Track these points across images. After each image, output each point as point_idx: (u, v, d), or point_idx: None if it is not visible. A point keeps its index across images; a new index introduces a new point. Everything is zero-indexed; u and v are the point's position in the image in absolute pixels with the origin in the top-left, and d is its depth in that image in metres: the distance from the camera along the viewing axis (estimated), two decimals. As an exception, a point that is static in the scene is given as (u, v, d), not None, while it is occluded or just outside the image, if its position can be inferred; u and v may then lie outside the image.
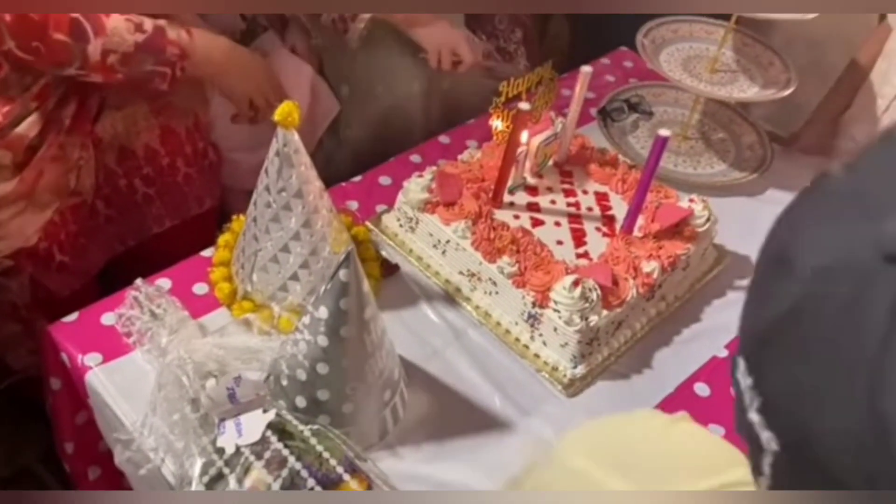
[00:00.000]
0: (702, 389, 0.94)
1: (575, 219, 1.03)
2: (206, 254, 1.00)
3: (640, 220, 1.00)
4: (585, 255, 0.98)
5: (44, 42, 0.89)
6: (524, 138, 1.01)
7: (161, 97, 1.13)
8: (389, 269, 1.02)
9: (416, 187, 1.01)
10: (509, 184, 1.03)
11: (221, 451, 0.69)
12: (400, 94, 1.42)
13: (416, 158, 1.21)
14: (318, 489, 0.66)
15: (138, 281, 0.90)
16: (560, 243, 0.99)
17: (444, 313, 0.98)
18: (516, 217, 1.02)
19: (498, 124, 1.02)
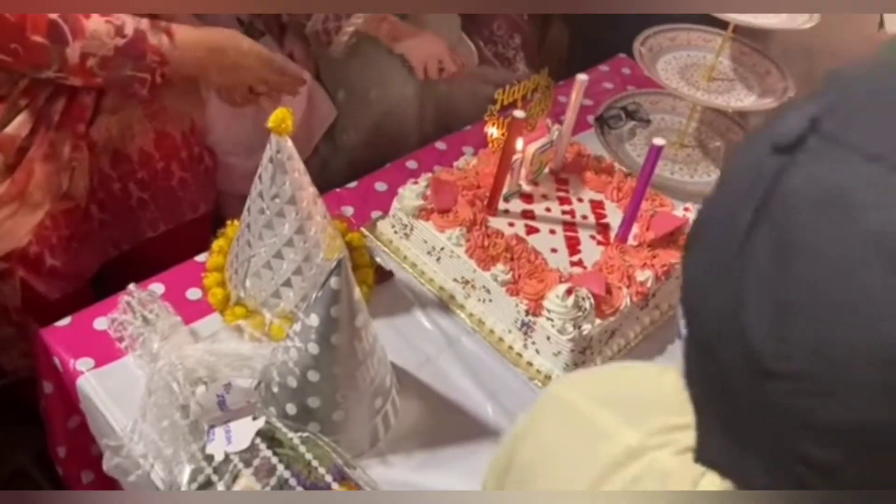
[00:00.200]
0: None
1: (570, 227, 1.03)
2: (199, 259, 1.00)
3: (634, 229, 1.00)
4: (580, 263, 0.98)
5: (22, 44, 0.88)
6: (520, 146, 1.01)
7: (155, 101, 1.13)
8: (383, 275, 1.02)
9: (410, 194, 1.01)
10: (504, 191, 1.03)
11: (210, 458, 0.69)
12: (395, 98, 1.42)
13: (413, 164, 1.21)
14: (306, 498, 0.66)
15: (131, 286, 0.90)
16: (554, 251, 0.99)
17: (438, 320, 0.98)
18: (511, 224, 1.02)
19: (493, 132, 1.02)
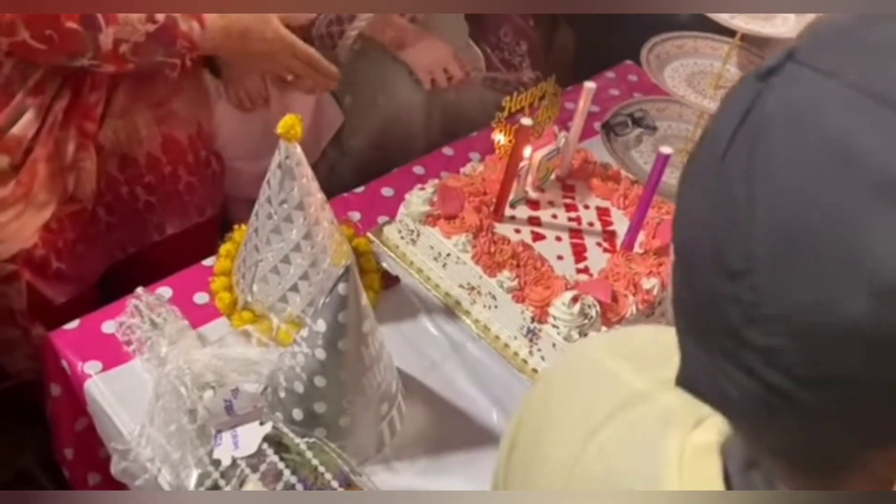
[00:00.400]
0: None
1: (576, 234, 1.03)
2: (207, 263, 1.00)
3: (640, 237, 1.00)
4: (585, 270, 0.98)
5: (56, 30, 0.88)
6: (527, 153, 1.02)
7: (163, 105, 1.14)
8: (390, 281, 1.02)
9: (417, 200, 1.01)
10: (511, 197, 1.03)
11: (218, 462, 0.69)
12: (402, 104, 1.42)
13: (419, 170, 1.22)
14: (312, 503, 0.66)
15: (139, 290, 0.90)
16: (560, 258, 0.99)
17: (444, 326, 0.98)
18: (517, 231, 1.02)
19: (500, 138, 1.02)
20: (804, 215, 0.24)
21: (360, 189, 1.16)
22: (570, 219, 1.06)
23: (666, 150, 0.90)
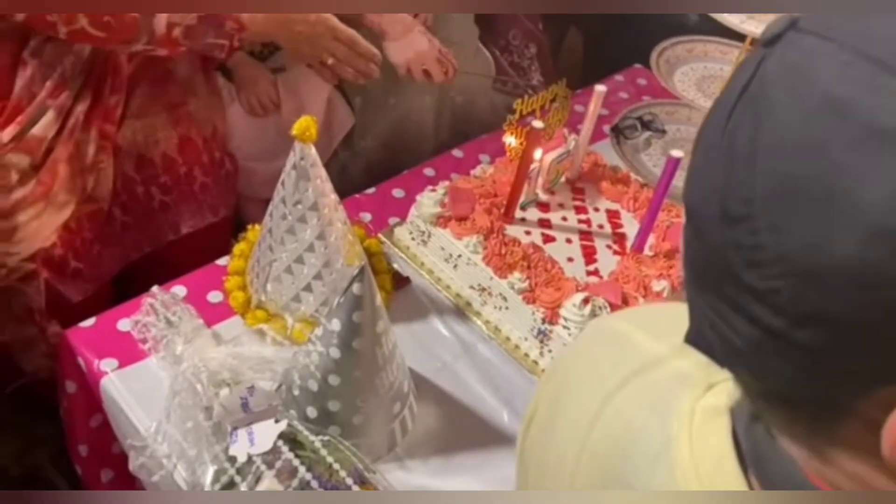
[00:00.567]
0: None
1: (586, 236, 1.04)
2: (221, 262, 1.01)
3: (651, 239, 1.01)
4: (596, 272, 0.99)
5: (114, 17, 0.90)
6: (537, 155, 1.02)
7: (180, 106, 1.15)
8: (400, 281, 1.03)
9: (428, 201, 1.02)
10: (521, 200, 1.04)
11: (233, 459, 0.70)
12: (412, 106, 1.43)
13: (430, 172, 1.23)
14: (327, 500, 0.67)
15: (155, 288, 0.91)
16: (571, 260, 1.00)
17: (454, 327, 0.99)
18: (528, 233, 1.03)
19: (511, 141, 1.03)
20: (799, 163, 0.26)
21: (371, 190, 1.17)
22: (580, 221, 1.06)
23: (677, 153, 0.91)
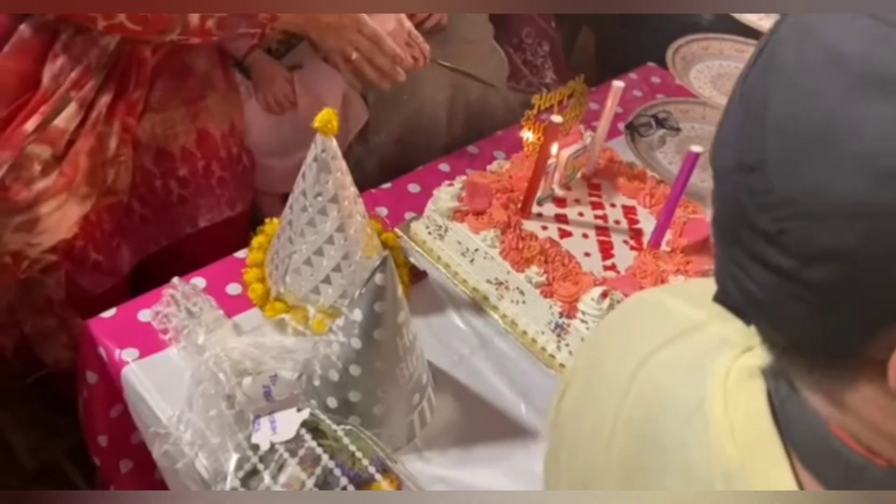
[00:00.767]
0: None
1: (602, 231, 1.04)
2: (239, 255, 1.02)
3: (667, 235, 1.01)
4: (613, 267, 0.99)
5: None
6: (554, 150, 1.03)
7: (199, 101, 1.16)
8: (417, 275, 1.04)
9: (446, 196, 1.03)
10: (538, 195, 1.05)
11: (256, 447, 0.71)
12: (426, 102, 1.44)
13: (445, 168, 1.23)
14: (350, 488, 0.67)
15: (175, 279, 0.92)
16: (588, 255, 1.00)
17: (471, 321, 1.00)
18: (544, 228, 1.03)
19: (529, 136, 1.03)
20: (802, 112, 0.28)
21: (386, 185, 1.18)
22: (596, 217, 1.07)
23: (697, 148, 0.91)
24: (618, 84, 1.05)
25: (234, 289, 0.97)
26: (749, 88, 0.31)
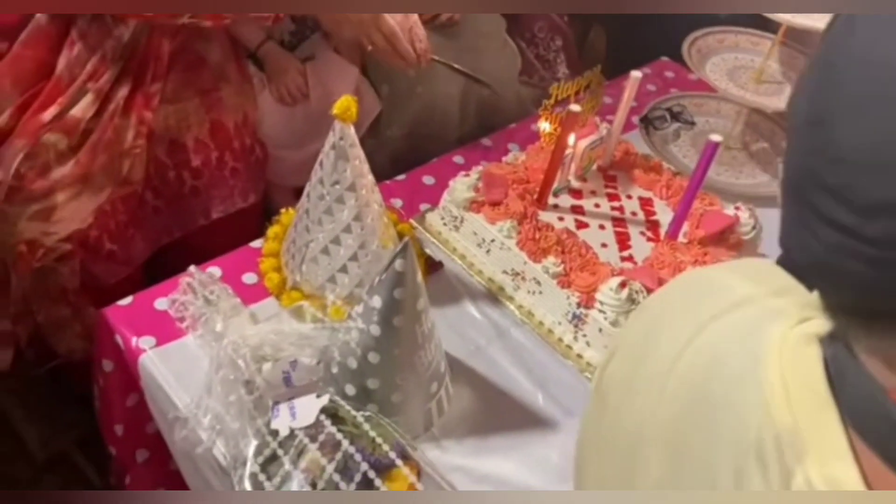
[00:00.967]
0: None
1: (619, 222, 1.04)
2: (255, 245, 1.02)
3: (685, 227, 1.01)
4: (630, 258, 0.98)
5: None
6: (571, 141, 1.02)
7: (212, 92, 1.16)
8: (433, 266, 1.03)
9: (462, 186, 1.02)
10: (554, 186, 1.04)
11: (275, 433, 0.71)
12: (439, 95, 1.43)
13: (459, 160, 1.23)
14: (371, 473, 0.67)
15: (192, 268, 0.92)
16: (604, 246, 1.00)
17: (487, 311, 0.99)
18: (560, 219, 1.03)
19: (546, 126, 1.03)
20: (874, 72, 0.30)
21: (401, 177, 1.18)
22: (612, 208, 1.06)
23: (716, 137, 0.91)
24: (636, 74, 1.05)
25: (249, 278, 0.97)
26: (825, 50, 0.33)
